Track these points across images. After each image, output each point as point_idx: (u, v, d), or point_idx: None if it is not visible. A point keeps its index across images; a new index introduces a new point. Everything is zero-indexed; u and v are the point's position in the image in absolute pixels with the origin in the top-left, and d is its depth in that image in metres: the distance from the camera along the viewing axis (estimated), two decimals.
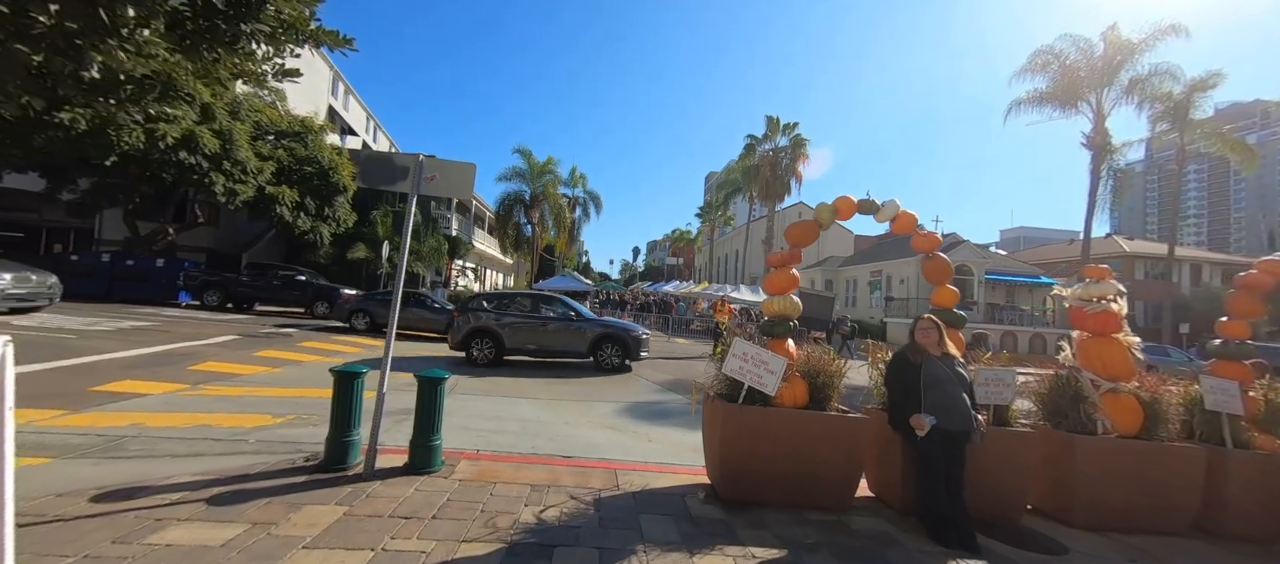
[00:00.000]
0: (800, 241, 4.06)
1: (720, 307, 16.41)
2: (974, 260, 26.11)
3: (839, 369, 3.88)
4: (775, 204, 36.66)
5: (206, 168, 14.52)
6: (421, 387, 3.73)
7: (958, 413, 3.36)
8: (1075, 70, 22.16)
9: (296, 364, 8.33)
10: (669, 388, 8.83)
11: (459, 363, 9.67)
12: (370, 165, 3.78)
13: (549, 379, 8.90)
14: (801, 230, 4.05)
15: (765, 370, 3.60)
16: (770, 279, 4.06)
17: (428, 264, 23.67)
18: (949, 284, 4.24)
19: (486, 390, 7.49)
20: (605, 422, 6.22)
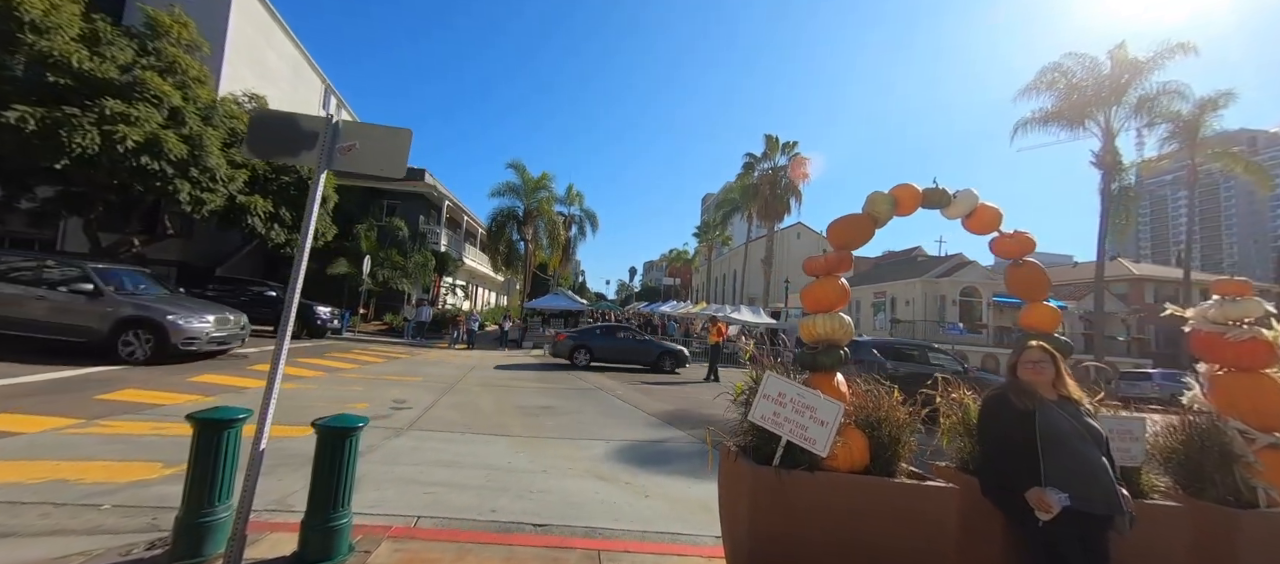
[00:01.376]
0: (849, 242, 3.04)
1: (714, 327, 15.31)
2: (981, 282, 25.25)
3: (907, 417, 2.82)
4: (775, 223, 35.99)
5: (171, 174, 13.48)
6: (322, 441, 2.64)
7: (1098, 487, 2.30)
8: (1083, 88, 21.69)
9: (236, 392, 7.17)
10: (669, 421, 7.70)
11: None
12: (263, 127, 2.76)
13: (534, 413, 7.76)
14: (850, 228, 3.04)
15: (812, 420, 2.55)
16: (811, 292, 3.02)
17: (414, 281, 22.55)
18: (1047, 301, 3.21)
19: (450, 426, 6.35)
20: (593, 467, 5.10)
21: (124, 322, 7.98)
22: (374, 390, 8.23)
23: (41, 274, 8.46)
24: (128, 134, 12.33)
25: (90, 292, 8.10)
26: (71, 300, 8.09)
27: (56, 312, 7.96)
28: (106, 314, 8.01)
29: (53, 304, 8.05)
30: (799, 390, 2.61)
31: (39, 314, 7.98)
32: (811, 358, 2.90)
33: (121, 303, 8.17)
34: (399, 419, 6.38)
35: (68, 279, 8.40)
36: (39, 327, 7.96)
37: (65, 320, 7.97)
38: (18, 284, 8.17)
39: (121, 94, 12.94)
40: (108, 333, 7.89)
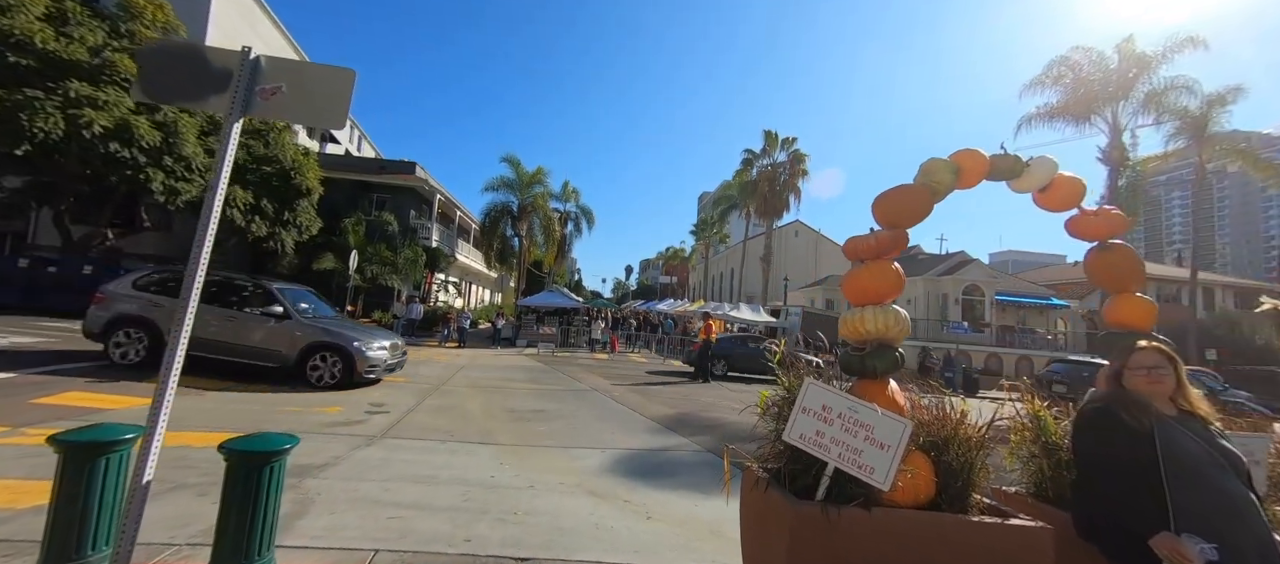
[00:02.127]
0: (901, 218, 2.47)
1: (704, 324, 14.52)
2: (984, 281, 24.82)
3: (978, 433, 2.25)
4: (774, 221, 35.49)
5: (143, 162, 12.79)
6: (232, 470, 2.04)
7: (1248, 533, 1.74)
8: (1090, 83, 21.27)
9: (195, 396, 6.54)
10: (671, 426, 7.13)
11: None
12: (160, 63, 2.15)
13: (524, 417, 7.17)
14: (903, 202, 2.46)
15: (868, 442, 1.97)
16: (856, 281, 2.45)
17: (404, 277, 21.87)
18: (1140, 293, 2.65)
19: (430, 433, 5.75)
20: (586, 481, 4.52)
21: (312, 347, 7.70)
22: (350, 392, 7.61)
23: (233, 295, 8.15)
24: (95, 119, 11.65)
25: (279, 314, 7.80)
26: (261, 323, 7.77)
27: (248, 335, 7.73)
28: (296, 339, 7.74)
29: (245, 327, 7.74)
30: (850, 404, 2.04)
31: (234, 337, 7.68)
32: (859, 362, 2.33)
33: (310, 328, 7.89)
34: (372, 425, 5.78)
35: (256, 301, 8.10)
36: (234, 351, 7.69)
37: (258, 344, 7.73)
38: (211, 305, 7.76)
39: (90, 77, 12.24)
40: (297, 359, 7.63)
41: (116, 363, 7.14)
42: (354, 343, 7.86)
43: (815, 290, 36.30)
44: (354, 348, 7.80)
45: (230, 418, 5.58)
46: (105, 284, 7.76)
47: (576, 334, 22.67)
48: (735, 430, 7.25)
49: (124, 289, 7.62)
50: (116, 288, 7.64)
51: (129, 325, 7.26)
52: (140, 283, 7.71)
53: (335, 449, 4.78)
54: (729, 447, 2.72)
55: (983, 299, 24.62)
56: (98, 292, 7.59)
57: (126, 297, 7.51)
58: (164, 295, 7.55)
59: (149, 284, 7.75)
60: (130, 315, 7.28)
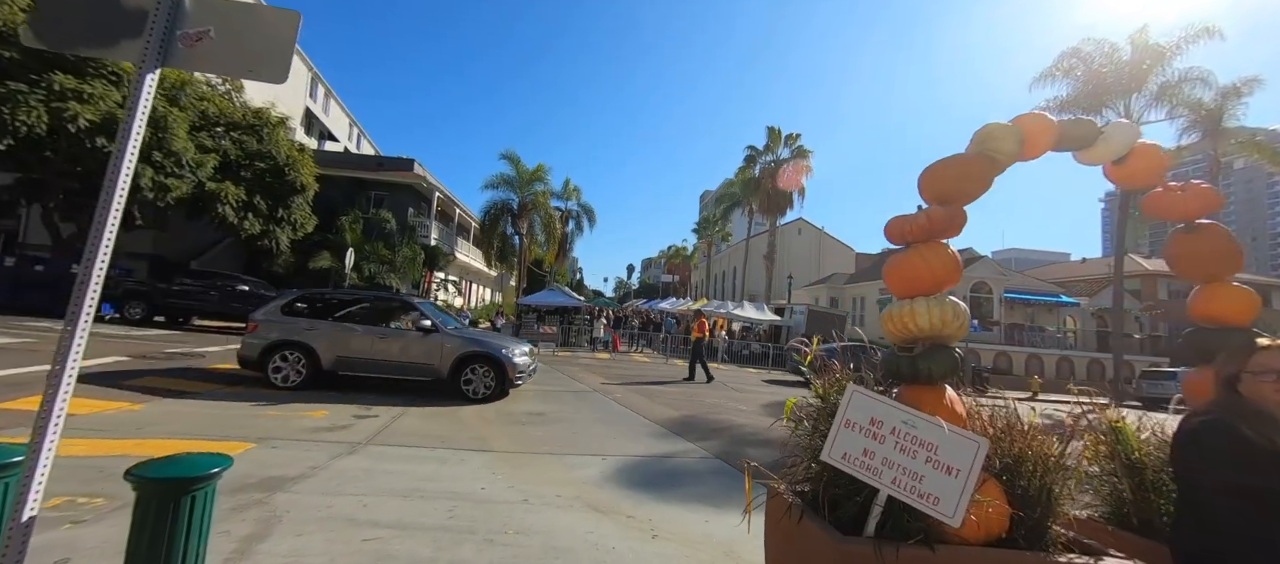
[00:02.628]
0: (954, 193, 2.08)
1: (697, 322, 13.87)
2: (993, 278, 24.38)
3: (1054, 450, 1.86)
4: (777, 218, 35.08)
5: None
6: (142, 504, 1.66)
7: None
8: (1102, 76, 20.78)
9: (177, 399, 6.18)
10: (677, 429, 6.75)
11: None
12: (58, 1, 1.77)
13: (520, 420, 6.80)
14: (956, 174, 2.07)
15: (932, 466, 1.59)
16: (901, 268, 2.06)
17: (402, 275, 21.51)
18: (1233, 280, 2.25)
19: (419, 439, 5.37)
20: (586, 493, 4.14)
21: (465, 359, 7.65)
22: (333, 392, 7.24)
23: (379, 312, 8.26)
24: (80, 112, 11.30)
25: (428, 328, 7.74)
26: (413, 339, 7.75)
27: (402, 351, 7.71)
28: (447, 352, 7.69)
29: (397, 344, 7.74)
30: (907, 417, 1.65)
31: (389, 355, 7.68)
32: (908, 364, 1.94)
33: (458, 339, 7.86)
34: (358, 431, 5.41)
35: (404, 317, 8.23)
36: (391, 368, 7.69)
37: (413, 360, 7.70)
38: (359, 323, 7.87)
39: (75, 70, 11.89)
40: (450, 371, 7.61)
41: (278, 387, 7.18)
42: (502, 351, 7.82)
43: (819, 288, 35.89)
44: (504, 356, 7.74)
45: (203, 423, 5.22)
46: (253, 312, 7.88)
47: (577, 333, 22.31)
48: (745, 434, 6.88)
49: (274, 315, 7.65)
50: (266, 315, 7.67)
51: (286, 349, 7.33)
52: (288, 308, 7.78)
53: (314, 457, 4.41)
54: (750, 463, 2.34)
55: (991, 297, 24.18)
56: (251, 319, 7.69)
57: (278, 322, 7.56)
58: (311, 318, 7.76)
59: (295, 308, 7.83)
60: (286, 340, 7.36)
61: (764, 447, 6.32)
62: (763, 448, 6.26)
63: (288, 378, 7.25)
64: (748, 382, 14.15)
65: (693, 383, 12.07)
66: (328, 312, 8.03)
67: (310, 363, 7.33)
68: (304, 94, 30.20)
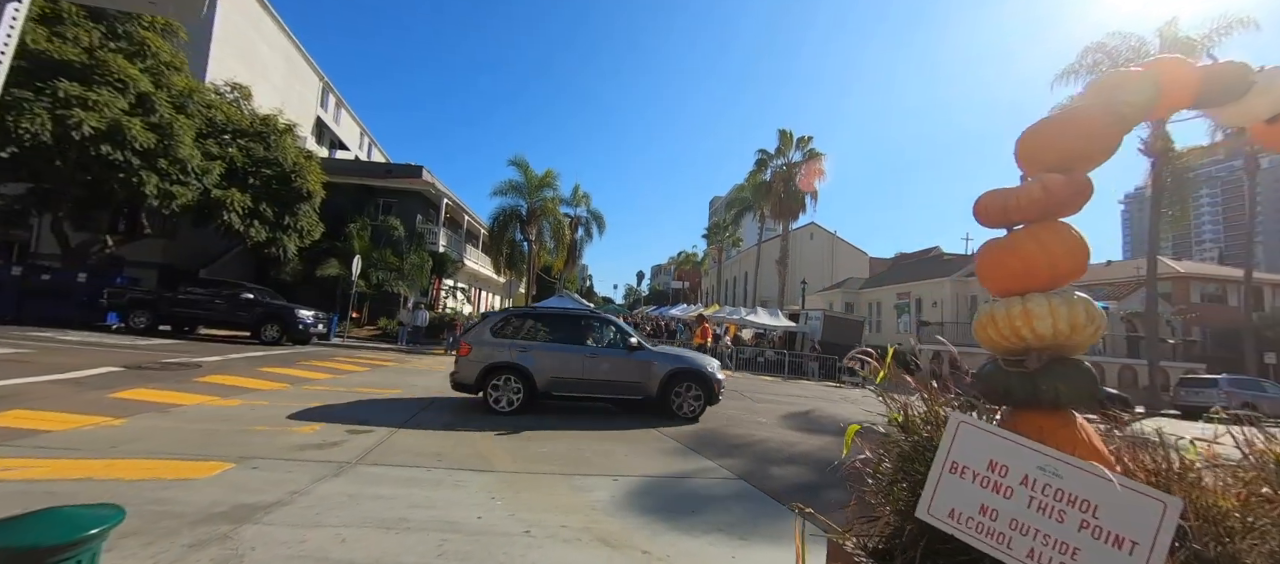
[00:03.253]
0: (1073, 157, 1.60)
1: (699, 328, 13.08)
2: None
3: (1228, 501, 1.36)
4: (789, 222, 34.47)
5: (137, 165, 12.32)
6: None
7: None
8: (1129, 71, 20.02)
9: (162, 413, 5.83)
10: (694, 445, 6.25)
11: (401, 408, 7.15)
12: None
13: (531, 435, 6.35)
14: (1079, 132, 1.59)
15: (1091, 535, 1.11)
16: (1012, 252, 1.58)
17: (411, 283, 21.27)
18: None
19: (414, 457, 4.94)
20: (595, 522, 3.67)
21: (673, 376, 7.65)
22: (329, 408, 6.87)
23: (583, 332, 8.24)
24: (84, 119, 11.18)
25: (634, 346, 7.80)
26: (622, 359, 7.77)
27: (613, 371, 7.72)
28: (655, 370, 7.69)
29: (606, 364, 7.73)
30: (1051, 461, 1.17)
31: (602, 375, 7.70)
32: (1025, 385, 1.45)
33: (665, 357, 7.93)
34: (349, 448, 5.00)
35: (609, 336, 8.20)
36: (604, 388, 7.75)
37: (624, 379, 7.73)
38: (566, 343, 7.85)
39: (81, 77, 11.81)
40: (659, 390, 7.61)
41: (496, 410, 7.19)
42: (708, 368, 7.77)
43: (834, 293, 35.14)
44: (710, 373, 7.70)
45: (183, 440, 4.84)
46: (464, 334, 7.95)
47: None
48: (768, 450, 6.35)
49: (485, 338, 7.61)
50: (478, 338, 7.65)
51: (503, 373, 7.33)
52: (497, 330, 7.75)
53: (295, 480, 4.00)
54: (801, 508, 1.85)
55: None
56: (463, 342, 7.74)
57: (490, 344, 7.51)
58: (522, 339, 7.69)
59: (504, 329, 7.79)
60: (502, 363, 7.36)
61: (790, 464, 5.80)
62: (789, 466, 5.75)
63: (508, 402, 7.25)
64: (765, 390, 13.59)
65: None
66: (535, 332, 7.94)
67: (526, 386, 7.31)
68: (315, 103, 30.35)
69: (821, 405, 11.32)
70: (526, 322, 8.13)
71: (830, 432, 8.00)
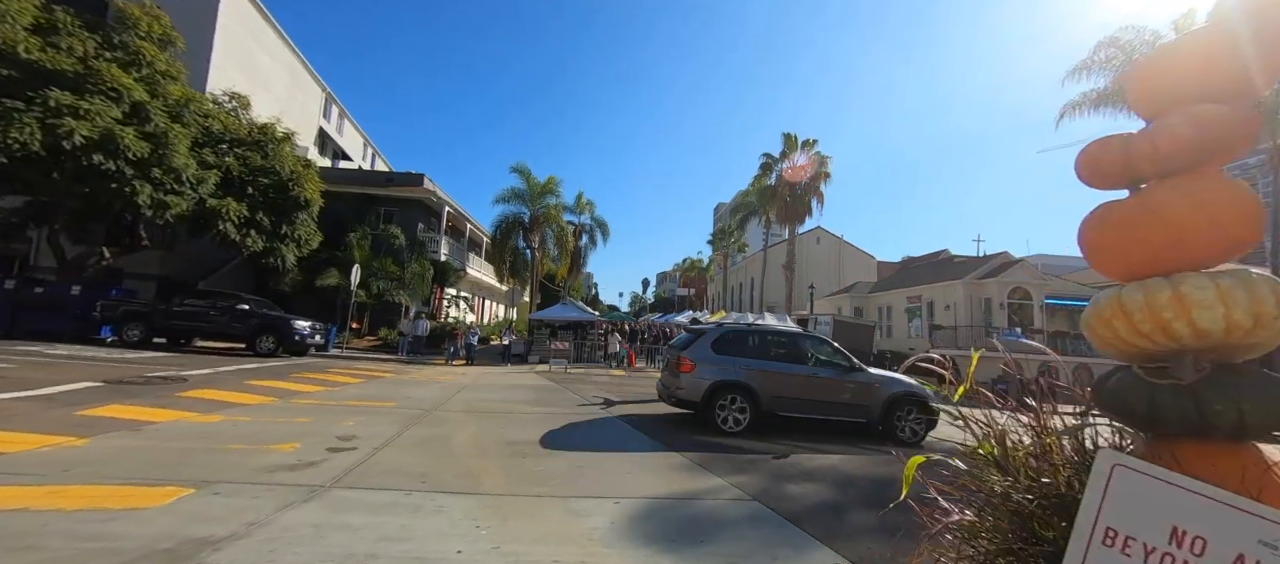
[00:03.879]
0: (1230, 81, 1.14)
1: None
2: (1032, 283, 22.89)
3: None
4: (795, 227, 34.00)
5: (130, 175, 12.09)
6: None
7: None
8: None
9: (132, 432, 5.46)
10: (701, 461, 5.79)
11: None
12: None
13: (522, 450, 5.92)
14: (1249, 48, 1.14)
15: None
16: (1145, 214, 1.14)
17: (412, 292, 20.98)
18: None
19: (396, 478, 4.52)
20: (591, 555, 3.23)
21: (896, 400, 7.51)
22: (321, 422, 6.47)
23: (805, 351, 8.05)
24: (75, 128, 10.96)
25: (850, 367, 7.72)
26: (840, 378, 7.68)
27: (834, 392, 7.66)
28: (877, 392, 7.59)
29: (829, 383, 7.65)
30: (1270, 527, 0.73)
31: (823, 395, 7.60)
32: (1184, 405, 1.01)
33: (883, 378, 7.79)
34: (326, 469, 4.58)
35: (811, 352, 7.99)
36: (826, 409, 7.64)
37: (844, 400, 7.62)
38: (785, 362, 7.70)
39: (73, 86, 11.63)
40: (881, 412, 7.51)
41: (724, 430, 7.10)
42: (927, 391, 7.51)
43: (842, 298, 34.55)
44: (927, 393, 7.48)
45: (147, 462, 4.45)
46: (683, 350, 7.71)
47: (592, 349, 21.44)
48: (783, 465, 5.87)
49: (707, 355, 7.49)
50: (698, 353, 7.51)
51: (729, 392, 7.24)
52: (717, 346, 7.61)
53: (258, 508, 3.58)
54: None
55: (1031, 303, 22.67)
56: (684, 358, 7.52)
57: (713, 362, 7.43)
58: (744, 357, 7.55)
59: (724, 346, 7.65)
60: (729, 382, 7.26)
61: (808, 481, 5.32)
62: (806, 483, 5.27)
63: (734, 422, 7.16)
64: None
65: None
66: (755, 350, 7.82)
67: (752, 406, 7.21)
68: (318, 114, 30.36)
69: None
70: (747, 338, 7.96)
71: (850, 444, 7.51)
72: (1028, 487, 0.98)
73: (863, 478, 5.56)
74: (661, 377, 8.76)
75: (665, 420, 8.30)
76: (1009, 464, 1.06)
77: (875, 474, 5.80)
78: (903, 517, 4.38)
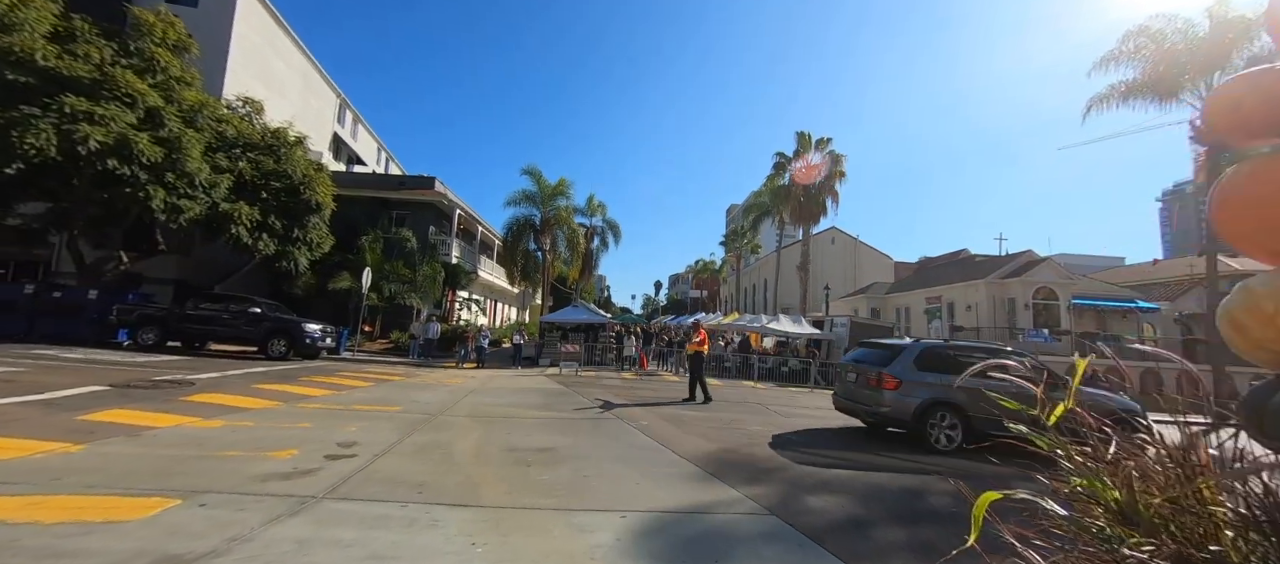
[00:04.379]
0: None
1: (696, 335, 11.61)
2: (1058, 282, 22.09)
3: None
4: (810, 227, 33.43)
5: (144, 179, 12.19)
6: None
7: None
8: (1175, 54, 18.69)
9: (130, 438, 5.34)
10: (714, 470, 5.48)
11: None
12: None
13: (525, 458, 5.68)
14: None
15: None
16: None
17: (423, 295, 20.98)
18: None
19: (392, 488, 4.30)
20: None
21: (928, 405, 7.31)
22: (323, 428, 6.31)
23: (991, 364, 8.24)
24: (90, 134, 11.06)
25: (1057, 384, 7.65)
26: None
27: None
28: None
29: None
30: None
31: None
32: None
33: (1093, 397, 7.45)
34: (321, 477, 4.39)
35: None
36: None
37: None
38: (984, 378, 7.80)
39: (89, 93, 11.76)
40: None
41: (937, 449, 7.09)
42: (1137, 409, 7.15)
43: (858, 299, 33.84)
44: (1140, 408, 7.15)
45: (140, 470, 4.30)
46: (883, 366, 7.62)
47: (603, 351, 21.20)
48: (802, 474, 5.53)
49: (911, 372, 7.44)
50: (902, 371, 7.44)
51: (940, 410, 7.23)
52: (919, 362, 7.51)
53: (244, 521, 3.38)
54: None
55: (1057, 303, 21.87)
56: (887, 375, 7.45)
57: (918, 380, 7.35)
58: (951, 374, 7.21)
59: (929, 362, 7.56)
60: (941, 401, 7.19)
61: (829, 493, 4.99)
62: (828, 494, 4.93)
63: (947, 439, 7.15)
64: (790, 402, 12.67)
65: (693, 402, 10.66)
66: (958, 366, 7.70)
67: (963, 423, 7.14)
68: (332, 120, 30.70)
69: (855, 419, 10.37)
70: (949, 354, 7.84)
71: (873, 451, 7.13)
72: (1178, 554, 0.68)
73: (890, 490, 5.20)
74: (843, 390, 8.60)
75: (674, 424, 8.01)
76: (1141, 517, 0.76)
77: (904, 485, 5.44)
78: (936, 533, 4.03)
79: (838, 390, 8.88)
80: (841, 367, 9.11)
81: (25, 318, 12.88)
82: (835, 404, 8.75)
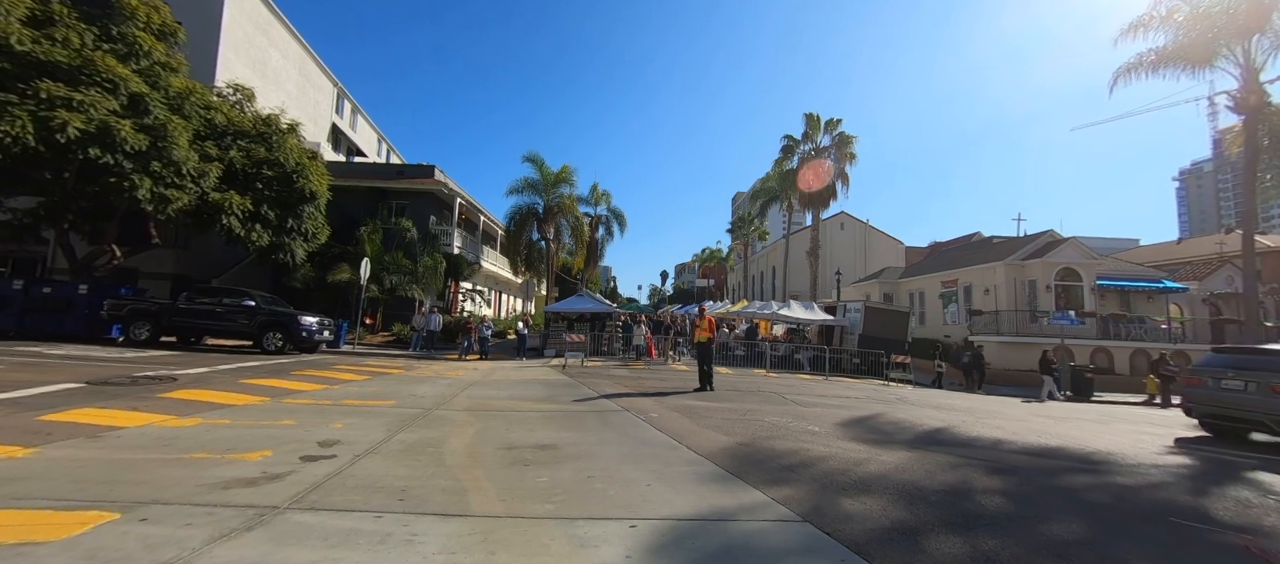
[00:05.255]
0: None
1: (702, 321, 10.96)
2: (1081, 263, 21.22)
3: None
4: (820, 211, 32.60)
5: (128, 169, 11.72)
6: None
7: None
8: (1211, 18, 17.64)
9: (91, 440, 4.86)
10: (735, 468, 4.92)
11: None
12: None
13: (523, 457, 5.15)
14: None
15: None
16: None
17: (425, 286, 20.52)
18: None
19: (370, 494, 3.77)
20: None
21: None
22: (306, 425, 5.82)
23: None
24: (69, 120, 10.56)
25: None
26: None
27: None
28: None
29: None
30: None
31: None
32: None
33: None
34: (291, 483, 3.87)
35: None
36: None
37: None
38: None
39: (68, 78, 11.25)
40: None
41: None
42: None
43: (870, 285, 33.05)
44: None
45: (88, 477, 3.79)
46: (1259, 371, 7.43)
47: (609, 341, 20.68)
48: (831, 471, 4.94)
49: None
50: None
51: None
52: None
53: (187, 539, 2.86)
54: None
55: (1080, 284, 21.02)
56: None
57: None
58: None
59: None
60: None
61: (866, 493, 4.40)
62: (865, 495, 4.35)
63: None
64: (807, 391, 12.09)
65: (705, 392, 10.14)
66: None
67: None
68: (330, 110, 30.17)
69: (880, 408, 9.79)
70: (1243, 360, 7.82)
71: (904, 443, 6.54)
72: None
73: (932, 489, 4.61)
74: (1221, 399, 7.87)
75: (688, 417, 7.46)
76: None
77: (944, 483, 4.85)
78: (998, 543, 3.42)
79: (1200, 399, 8.15)
80: (1212, 372, 8.12)
81: (16, 314, 12.53)
82: (1195, 414, 8.26)
